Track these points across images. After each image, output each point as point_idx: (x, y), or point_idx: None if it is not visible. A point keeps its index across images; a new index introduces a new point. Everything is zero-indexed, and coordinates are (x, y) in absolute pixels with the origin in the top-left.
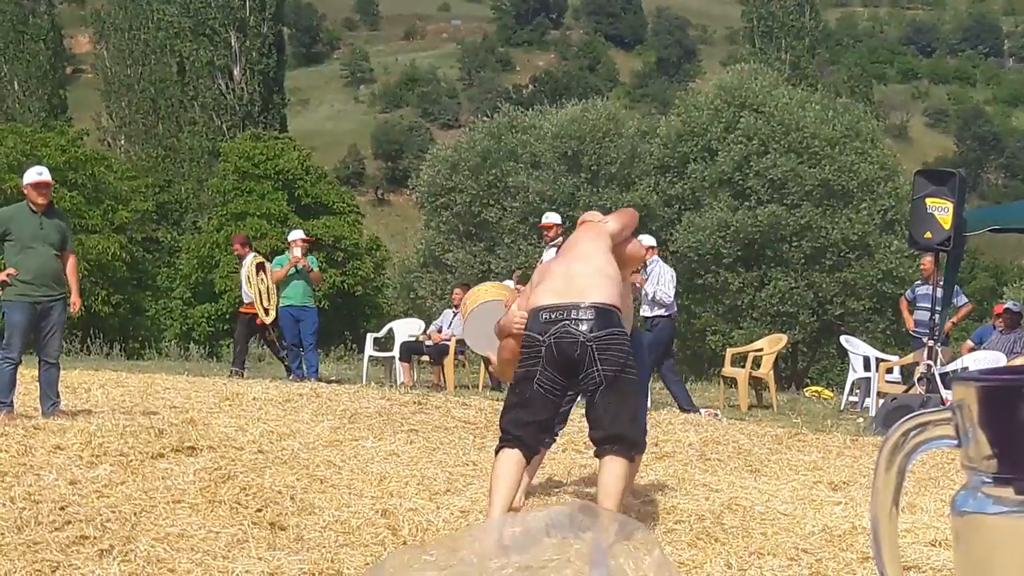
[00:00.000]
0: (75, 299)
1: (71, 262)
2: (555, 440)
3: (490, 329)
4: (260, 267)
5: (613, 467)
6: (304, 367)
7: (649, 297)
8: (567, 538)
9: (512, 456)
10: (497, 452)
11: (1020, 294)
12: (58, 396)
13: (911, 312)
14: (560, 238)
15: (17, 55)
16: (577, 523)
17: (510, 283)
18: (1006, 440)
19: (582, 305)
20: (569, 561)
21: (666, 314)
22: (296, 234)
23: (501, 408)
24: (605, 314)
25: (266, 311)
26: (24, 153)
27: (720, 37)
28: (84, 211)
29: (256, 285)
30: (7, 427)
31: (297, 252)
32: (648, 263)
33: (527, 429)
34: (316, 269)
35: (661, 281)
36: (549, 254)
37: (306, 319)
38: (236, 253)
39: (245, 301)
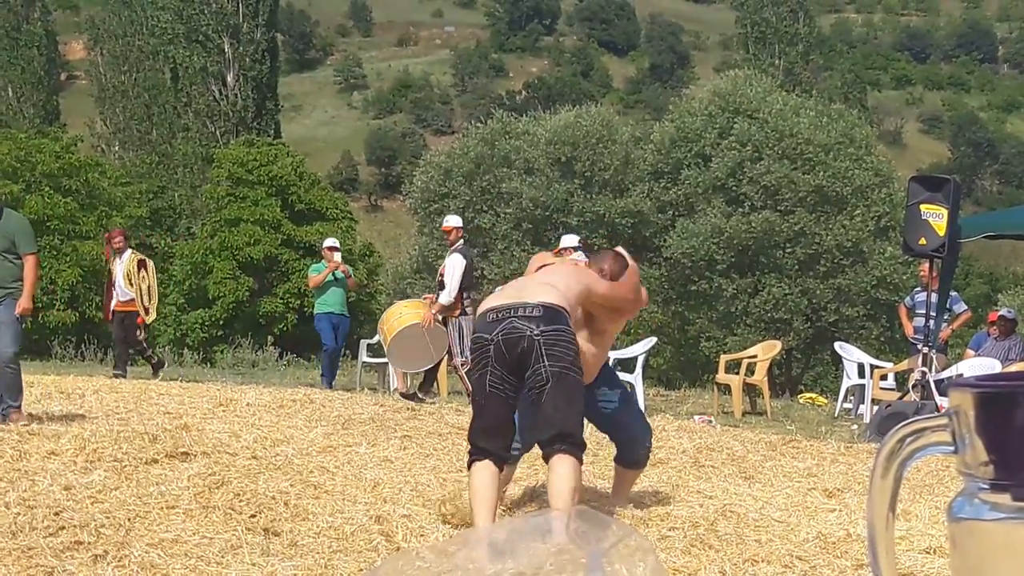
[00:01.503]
0: (23, 301)
1: (28, 264)
2: (520, 455)
3: (414, 349)
4: (141, 264)
5: (563, 467)
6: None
7: None
8: (562, 544)
9: (484, 468)
10: (469, 467)
11: (1015, 301)
12: (15, 400)
13: (910, 319)
14: (460, 241)
15: (11, 61)
16: (572, 529)
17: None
18: (1002, 446)
19: (529, 304)
20: (564, 567)
21: None
22: (330, 242)
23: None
24: (551, 312)
25: (146, 310)
26: (18, 159)
27: (713, 43)
28: (78, 217)
29: (137, 283)
30: (1, 432)
31: (337, 257)
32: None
33: (490, 437)
34: (352, 276)
35: None
36: (453, 259)
37: (342, 326)
38: (115, 247)
39: (121, 299)
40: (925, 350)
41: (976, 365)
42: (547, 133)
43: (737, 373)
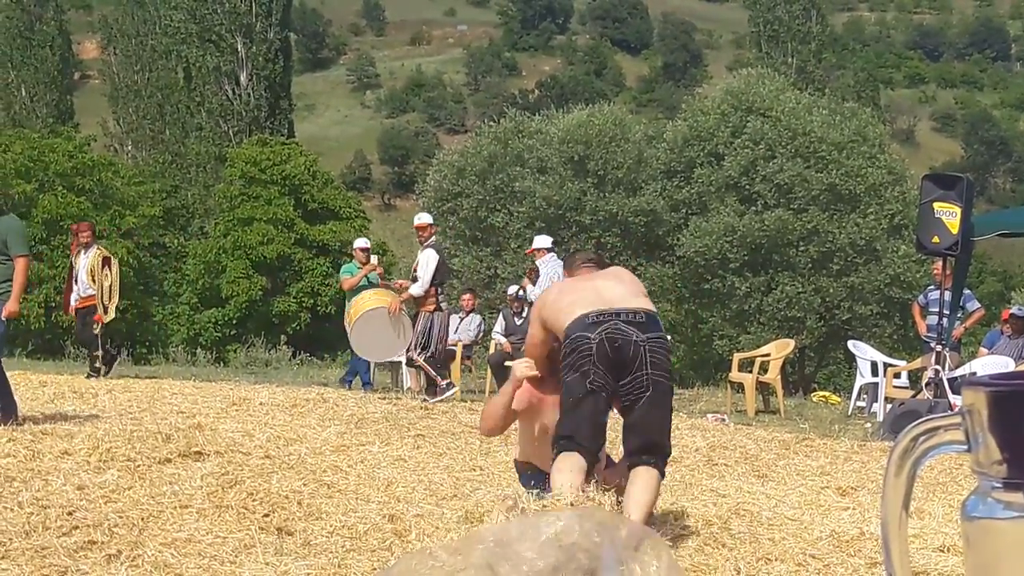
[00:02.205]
0: (10, 304)
1: (18, 266)
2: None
3: (378, 336)
4: (106, 262)
5: (648, 478)
6: (360, 376)
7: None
8: (577, 543)
9: (573, 455)
10: (553, 459)
11: None
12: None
13: (923, 317)
14: (433, 238)
15: (24, 61)
16: (587, 529)
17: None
18: (1016, 445)
19: (629, 309)
20: (580, 567)
21: None
22: (362, 242)
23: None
24: (652, 318)
25: (105, 309)
26: (31, 159)
27: (726, 42)
28: (91, 216)
29: (100, 280)
30: (14, 432)
31: (374, 259)
32: (540, 264)
33: (584, 434)
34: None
35: (544, 282)
36: (427, 254)
37: None
38: (82, 241)
39: (82, 294)
40: (938, 348)
41: (989, 363)
42: (560, 132)
43: (750, 371)
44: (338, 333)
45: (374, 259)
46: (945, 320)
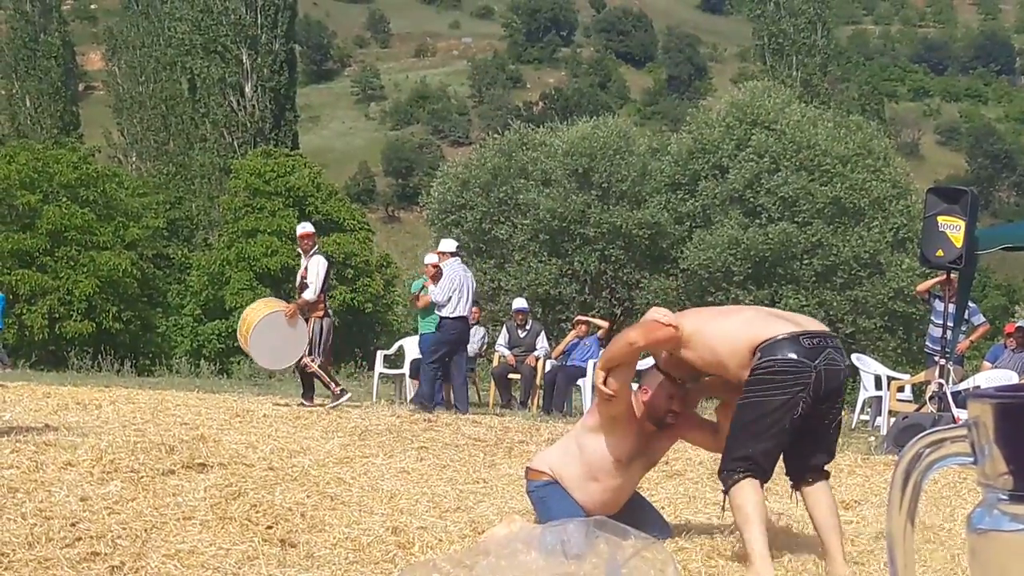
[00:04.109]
0: None
1: None
2: None
3: (276, 343)
4: None
5: (832, 500)
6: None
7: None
8: (582, 554)
9: (756, 488)
10: (736, 484)
11: None
12: None
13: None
14: (316, 247)
15: (29, 72)
16: (593, 540)
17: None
18: (1022, 457)
19: (830, 334)
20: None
21: (443, 315)
22: (433, 258)
23: (731, 437)
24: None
25: None
26: (36, 170)
27: (730, 55)
28: (95, 228)
29: None
30: (17, 443)
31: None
32: (444, 266)
33: (771, 460)
34: None
35: (446, 284)
36: (317, 260)
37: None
38: None
39: None
40: (942, 362)
41: (993, 377)
42: (564, 144)
43: None
44: (343, 345)
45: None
46: (949, 333)
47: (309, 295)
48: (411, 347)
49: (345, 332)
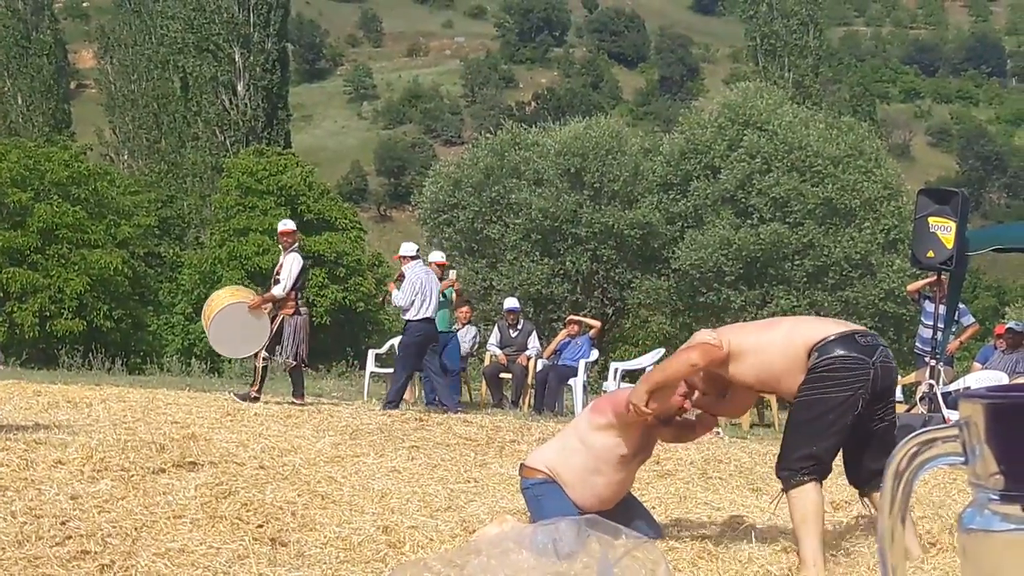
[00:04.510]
0: None
1: None
2: None
3: (236, 331)
4: None
5: None
6: (443, 394)
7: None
8: (574, 553)
9: (819, 490)
10: (799, 485)
11: (1023, 314)
12: None
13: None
14: (296, 244)
15: (21, 70)
16: (585, 539)
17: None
18: (1013, 457)
19: (876, 334)
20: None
21: (408, 318)
22: (439, 256)
23: (791, 436)
24: None
25: None
26: (27, 168)
27: (723, 56)
28: (87, 226)
29: None
30: (7, 441)
31: (453, 274)
32: (405, 269)
33: (832, 456)
34: (462, 293)
35: (408, 288)
36: (292, 257)
37: (452, 344)
38: None
39: None
40: (932, 363)
41: (983, 378)
42: (556, 144)
43: None
44: (334, 344)
45: (452, 274)
46: (939, 334)
47: (277, 291)
48: None
49: (337, 331)
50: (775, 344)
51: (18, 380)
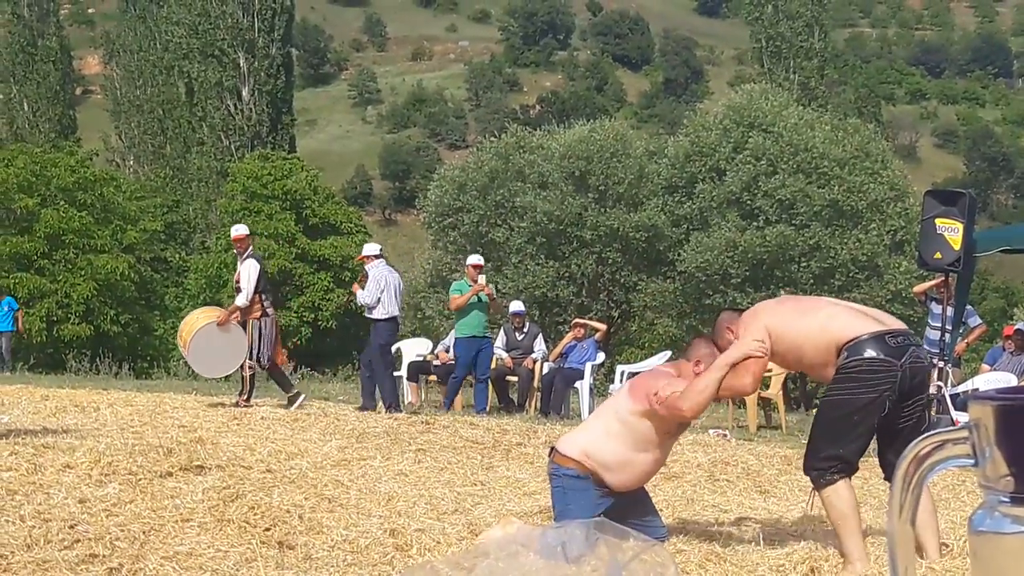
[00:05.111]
0: None
1: None
2: None
3: (216, 352)
4: None
5: (929, 500)
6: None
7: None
8: (582, 556)
9: (849, 486)
10: (829, 484)
11: None
12: None
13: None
14: (250, 248)
15: (27, 76)
16: (593, 541)
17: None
18: (1023, 459)
19: (910, 331)
20: None
21: (375, 317)
22: (475, 259)
23: (817, 434)
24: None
25: None
26: (34, 173)
27: (727, 58)
28: (93, 231)
29: None
30: (16, 445)
31: (482, 279)
32: (369, 269)
33: (858, 454)
34: (496, 297)
35: (372, 287)
36: (248, 264)
37: (486, 349)
38: None
39: None
40: (940, 364)
41: (992, 380)
42: (561, 147)
43: None
44: (340, 347)
45: (482, 278)
46: (947, 336)
47: (240, 300)
48: (408, 349)
49: (342, 335)
50: (810, 338)
51: (26, 384)
